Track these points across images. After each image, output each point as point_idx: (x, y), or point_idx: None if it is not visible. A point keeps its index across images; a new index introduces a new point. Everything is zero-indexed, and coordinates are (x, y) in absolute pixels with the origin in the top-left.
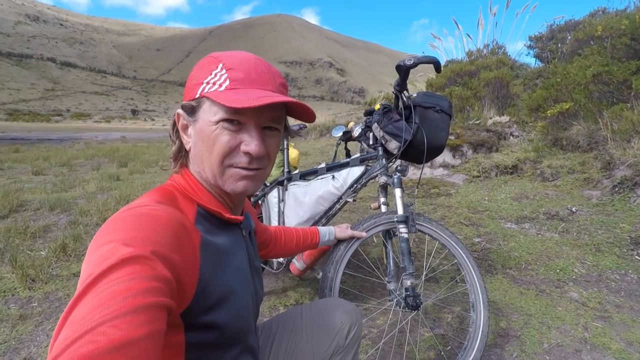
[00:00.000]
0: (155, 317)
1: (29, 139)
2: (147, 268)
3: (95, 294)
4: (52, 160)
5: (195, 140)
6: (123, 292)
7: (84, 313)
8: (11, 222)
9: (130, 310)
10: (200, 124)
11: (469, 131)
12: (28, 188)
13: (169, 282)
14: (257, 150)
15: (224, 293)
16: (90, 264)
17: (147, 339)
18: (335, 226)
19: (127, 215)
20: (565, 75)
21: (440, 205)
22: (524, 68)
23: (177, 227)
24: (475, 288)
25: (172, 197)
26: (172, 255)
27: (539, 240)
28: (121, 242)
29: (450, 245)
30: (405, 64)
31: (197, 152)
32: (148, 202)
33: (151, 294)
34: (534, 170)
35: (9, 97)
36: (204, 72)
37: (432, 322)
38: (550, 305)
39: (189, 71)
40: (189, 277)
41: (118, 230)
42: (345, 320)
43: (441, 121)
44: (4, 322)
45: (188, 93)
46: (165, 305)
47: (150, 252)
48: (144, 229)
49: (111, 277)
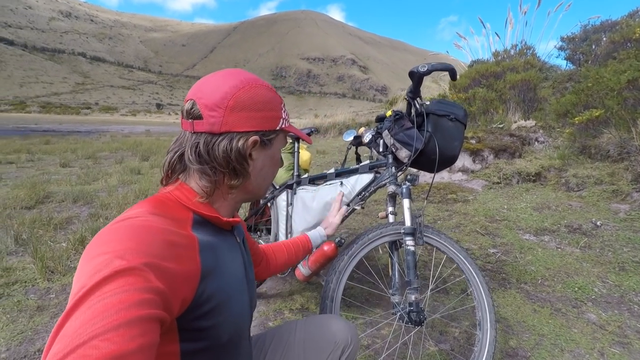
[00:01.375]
0: (148, 330)
1: (60, 130)
2: (140, 280)
3: (88, 307)
4: (79, 152)
5: (264, 164)
6: (115, 305)
7: (76, 326)
8: (36, 213)
9: (123, 323)
10: (273, 151)
11: (491, 135)
12: (55, 180)
13: (162, 293)
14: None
15: (221, 298)
16: (83, 276)
17: (139, 352)
18: (322, 223)
19: (120, 226)
20: (598, 80)
21: (456, 212)
22: (554, 70)
23: (171, 236)
24: (483, 305)
25: (166, 206)
26: (166, 265)
27: (558, 255)
28: (114, 254)
29: (459, 260)
30: (418, 70)
31: (264, 173)
32: (141, 213)
33: (144, 307)
34: (559, 179)
35: (43, 90)
36: (277, 106)
37: (438, 337)
38: (565, 326)
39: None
40: (188, 283)
41: (111, 242)
42: (339, 340)
43: (455, 130)
44: (22, 312)
45: (267, 123)
46: (158, 317)
47: (143, 264)
48: (138, 241)
49: (104, 289)
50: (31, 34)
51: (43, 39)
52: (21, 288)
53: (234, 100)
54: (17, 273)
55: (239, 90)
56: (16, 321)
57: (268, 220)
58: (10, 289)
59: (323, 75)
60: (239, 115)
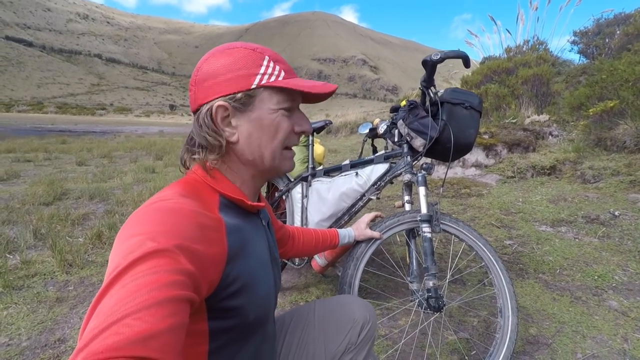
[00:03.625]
0: (178, 310)
1: (76, 131)
2: (171, 261)
3: (122, 286)
4: (94, 151)
5: (251, 130)
6: (147, 285)
7: (111, 304)
8: (54, 209)
9: (154, 303)
10: (259, 113)
11: (505, 130)
12: (71, 177)
13: (192, 275)
14: (309, 128)
15: (248, 279)
16: (117, 256)
17: (169, 332)
18: (354, 226)
19: (152, 209)
20: (612, 72)
21: (470, 205)
22: (567, 65)
23: (200, 218)
24: (504, 292)
25: (195, 188)
26: (197, 247)
27: (576, 245)
28: (147, 236)
29: (478, 247)
30: (431, 59)
31: (254, 140)
32: (172, 195)
33: (174, 287)
34: (574, 171)
35: (59, 91)
36: (251, 64)
37: (457, 325)
38: (586, 313)
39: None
40: (217, 266)
41: (144, 224)
42: (358, 317)
43: (470, 118)
44: (42, 303)
45: (233, 84)
46: (188, 298)
47: (174, 246)
48: (169, 223)
49: (137, 269)
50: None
51: (60, 41)
52: (40, 280)
53: (201, 73)
54: (37, 266)
55: (205, 62)
56: (36, 312)
57: (283, 213)
58: (30, 281)
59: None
60: (205, 86)
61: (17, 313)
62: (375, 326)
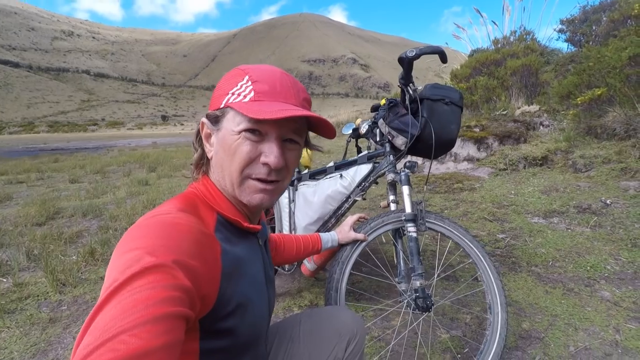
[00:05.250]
0: (174, 327)
1: (68, 148)
2: (168, 277)
3: (118, 302)
4: (87, 168)
5: (217, 149)
6: (144, 301)
7: (106, 320)
8: (47, 229)
9: (150, 319)
10: (223, 133)
11: (495, 122)
12: (64, 196)
13: (189, 291)
14: (275, 162)
15: (242, 301)
16: (114, 270)
17: (165, 349)
18: (337, 229)
19: (151, 222)
20: (599, 59)
21: (463, 200)
22: (555, 54)
23: (198, 235)
24: (492, 288)
25: (194, 204)
26: (194, 264)
27: (569, 236)
28: (145, 251)
29: (464, 244)
30: (407, 55)
31: (218, 160)
32: (171, 209)
33: (171, 304)
34: (566, 161)
35: (50, 110)
36: (230, 83)
37: (449, 323)
38: (579, 305)
39: (215, 75)
40: (210, 285)
41: (143, 238)
42: (344, 331)
43: (451, 114)
44: (35, 325)
45: (214, 103)
46: (184, 315)
47: (172, 261)
48: (168, 238)
49: (134, 284)
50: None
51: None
52: (34, 302)
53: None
54: (30, 288)
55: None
56: (29, 334)
57: (272, 218)
58: (23, 304)
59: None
60: (211, 100)
61: (9, 337)
62: (364, 339)
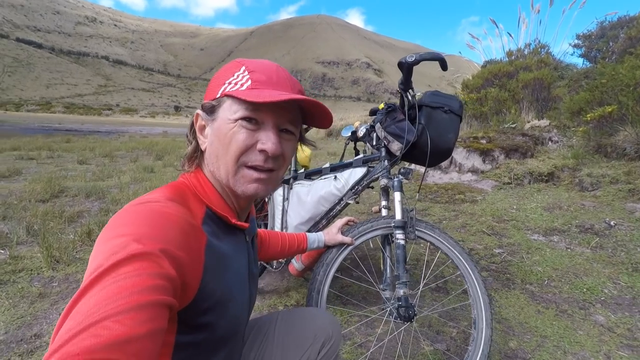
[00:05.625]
0: (158, 315)
1: (81, 130)
2: (154, 265)
3: (102, 287)
4: (96, 151)
5: (212, 139)
6: (129, 288)
7: (90, 305)
8: (50, 206)
9: (135, 306)
10: (219, 123)
11: (503, 135)
12: (71, 176)
13: (173, 280)
14: (273, 148)
15: (222, 296)
16: (99, 255)
17: (148, 337)
18: (325, 231)
19: (140, 209)
20: (613, 76)
21: (463, 212)
22: (570, 69)
23: (185, 226)
24: (478, 303)
25: (184, 195)
26: (179, 254)
27: (568, 255)
28: (132, 237)
29: (454, 255)
30: (406, 61)
31: (213, 150)
32: (160, 198)
33: (156, 292)
34: (572, 178)
35: (67, 92)
36: (227, 73)
37: (435, 336)
38: (570, 327)
39: None
40: (193, 277)
41: (130, 225)
42: (319, 333)
43: (450, 122)
44: (24, 298)
45: (209, 94)
46: (168, 304)
47: (158, 250)
48: (155, 226)
49: (119, 271)
50: (58, 37)
51: (69, 43)
52: (27, 276)
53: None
54: (25, 261)
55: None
56: (17, 306)
57: (266, 215)
58: (16, 276)
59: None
60: (206, 92)
61: None
62: (339, 343)
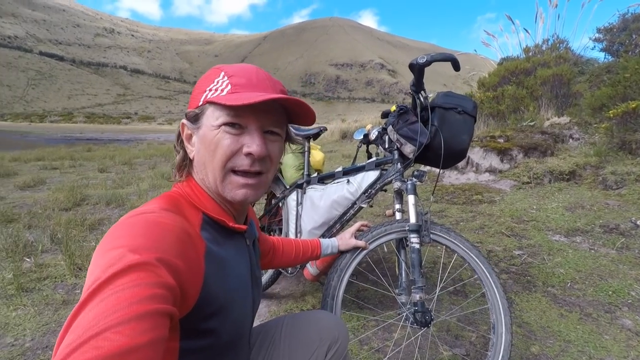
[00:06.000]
0: (158, 324)
1: (102, 139)
2: (151, 275)
3: (101, 300)
4: (116, 159)
5: (199, 147)
6: (128, 299)
7: (89, 318)
8: (72, 214)
9: (134, 316)
10: (203, 130)
11: (521, 133)
12: (92, 184)
13: (172, 289)
14: (258, 150)
15: (224, 301)
16: (97, 268)
17: (149, 346)
18: (338, 236)
19: (135, 221)
20: (637, 70)
21: (480, 213)
22: (591, 64)
23: (182, 235)
24: (497, 307)
25: (178, 204)
26: (177, 262)
27: (591, 257)
28: (128, 248)
29: (470, 259)
30: (417, 62)
31: (201, 158)
32: (155, 208)
33: (155, 301)
34: (595, 177)
35: (88, 102)
36: (208, 81)
37: (453, 340)
38: (596, 332)
39: None
40: (193, 284)
41: (126, 236)
42: (326, 336)
43: (463, 123)
44: (49, 305)
45: (192, 102)
46: (168, 313)
47: (155, 259)
48: (151, 236)
49: (117, 282)
50: (78, 50)
51: (89, 54)
52: (51, 283)
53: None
54: (49, 269)
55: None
56: (42, 313)
57: (281, 220)
58: (41, 284)
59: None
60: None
61: (24, 314)
62: (346, 345)
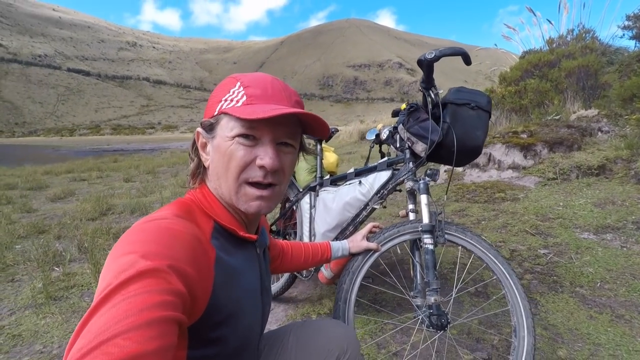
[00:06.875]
0: (168, 331)
1: (127, 150)
2: (162, 281)
3: (112, 305)
4: (141, 168)
5: (213, 157)
6: (138, 305)
7: (100, 324)
8: (98, 224)
9: (144, 323)
10: (218, 140)
11: (546, 128)
12: (117, 194)
13: (182, 296)
14: (271, 163)
15: (233, 310)
16: (108, 274)
17: (158, 353)
18: (350, 238)
19: (147, 227)
20: None
21: (503, 211)
22: (620, 53)
23: (194, 242)
24: (518, 309)
25: (191, 211)
26: (188, 270)
27: (623, 255)
28: (140, 255)
29: (488, 259)
30: (426, 58)
31: (215, 168)
32: (168, 215)
33: (164, 308)
34: (627, 171)
35: (114, 114)
36: (223, 90)
37: (474, 344)
38: (628, 334)
39: None
40: (202, 292)
41: (138, 242)
42: (334, 346)
43: (477, 119)
44: (76, 313)
45: (208, 111)
46: (178, 320)
47: (166, 266)
48: (163, 243)
49: (128, 289)
50: (103, 64)
51: (113, 68)
52: (78, 291)
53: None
54: (76, 278)
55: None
56: (69, 321)
57: (296, 224)
58: (68, 292)
59: (370, 81)
60: (205, 110)
61: (52, 322)
62: (356, 355)
